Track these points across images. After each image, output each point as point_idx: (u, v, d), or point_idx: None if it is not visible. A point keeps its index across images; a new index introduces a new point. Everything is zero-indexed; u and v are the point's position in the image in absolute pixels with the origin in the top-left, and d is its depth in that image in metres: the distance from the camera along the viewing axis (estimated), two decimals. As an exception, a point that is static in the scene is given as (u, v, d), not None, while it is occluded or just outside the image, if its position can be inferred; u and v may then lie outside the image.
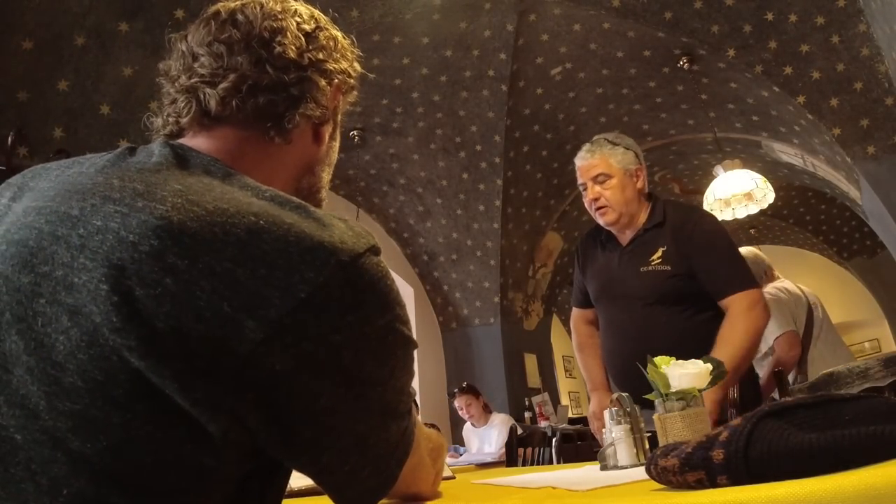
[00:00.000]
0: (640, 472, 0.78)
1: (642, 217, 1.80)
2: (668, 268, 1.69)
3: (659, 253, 1.72)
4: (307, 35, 0.65)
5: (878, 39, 3.44)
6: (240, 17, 0.63)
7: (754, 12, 3.62)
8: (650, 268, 1.72)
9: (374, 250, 0.50)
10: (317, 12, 0.70)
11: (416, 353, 0.56)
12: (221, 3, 0.66)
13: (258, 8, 0.64)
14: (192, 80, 0.61)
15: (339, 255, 0.46)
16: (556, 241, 5.79)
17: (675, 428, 0.99)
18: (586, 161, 1.83)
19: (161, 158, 0.55)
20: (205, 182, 0.51)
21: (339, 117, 0.74)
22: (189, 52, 0.63)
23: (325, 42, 0.67)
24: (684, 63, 4.01)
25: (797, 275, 7.77)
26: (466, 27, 3.89)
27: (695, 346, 1.55)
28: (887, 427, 0.51)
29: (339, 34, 0.71)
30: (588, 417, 1.90)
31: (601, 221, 1.81)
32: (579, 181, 1.85)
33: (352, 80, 0.72)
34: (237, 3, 0.65)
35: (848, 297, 7.70)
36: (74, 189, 0.50)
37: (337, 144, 0.75)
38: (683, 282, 1.68)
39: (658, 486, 0.63)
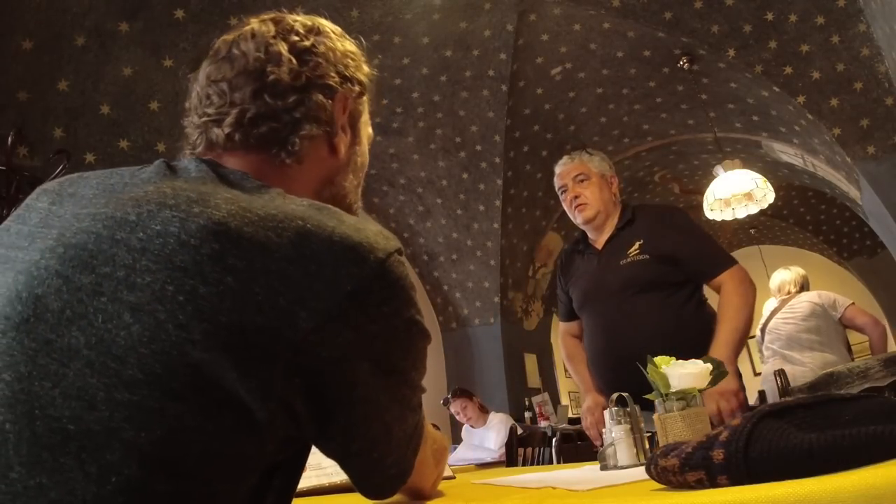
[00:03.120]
0: (640, 472, 0.78)
1: (615, 220, 1.94)
2: (647, 256, 1.79)
3: (636, 245, 1.82)
4: (299, 54, 0.67)
5: (878, 39, 3.44)
6: (235, 51, 0.66)
7: (754, 12, 3.62)
8: (629, 259, 1.81)
9: (400, 251, 0.55)
10: (317, 21, 0.71)
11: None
12: (222, 38, 0.69)
13: (251, 38, 0.67)
14: (203, 119, 0.66)
15: (376, 252, 0.52)
16: (556, 241, 5.79)
17: (675, 428, 0.99)
18: (566, 166, 1.99)
19: (202, 173, 0.59)
20: (249, 192, 0.56)
21: (363, 119, 0.76)
22: (201, 93, 0.67)
23: (321, 57, 0.68)
24: (684, 63, 4.01)
25: (797, 275, 7.79)
26: (466, 27, 3.89)
27: (676, 330, 1.68)
28: (887, 427, 0.51)
29: (338, 43, 0.71)
30: (582, 414, 1.93)
31: (579, 218, 1.95)
32: (559, 185, 2.00)
33: (357, 87, 0.73)
34: (234, 35, 0.68)
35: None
36: (127, 196, 0.54)
37: (362, 148, 0.77)
38: (663, 268, 1.78)
39: (658, 486, 0.63)
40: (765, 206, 3.89)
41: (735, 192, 3.81)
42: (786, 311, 3.27)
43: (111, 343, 0.45)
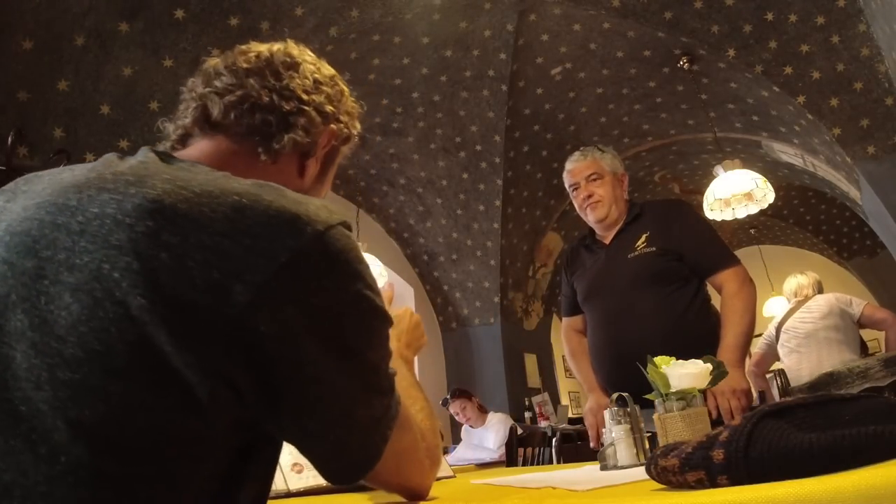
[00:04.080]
0: (640, 472, 0.78)
1: (624, 216, 1.94)
2: (654, 249, 1.79)
3: (643, 238, 1.83)
4: (317, 81, 0.74)
5: (878, 39, 3.44)
6: (266, 52, 0.73)
7: (754, 12, 3.62)
8: (637, 252, 1.82)
9: (346, 225, 0.55)
10: (336, 74, 0.79)
11: (415, 353, 0.58)
12: (254, 42, 0.76)
13: (283, 50, 0.74)
14: (206, 90, 0.70)
15: (315, 224, 0.52)
16: (556, 241, 5.79)
17: (675, 428, 0.99)
18: (579, 163, 1.97)
19: (146, 158, 0.61)
20: (190, 171, 0.57)
21: (332, 167, 0.80)
22: (214, 71, 0.72)
23: (332, 92, 0.76)
24: (684, 63, 4.01)
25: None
26: (466, 27, 3.89)
27: (680, 326, 1.68)
28: (887, 427, 0.51)
29: (347, 93, 0.79)
30: (584, 414, 1.93)
31: (592, 217, 1.93)
32: (571, 183, 1.98)
33: (348, 132, 0.79)
34: (267, 45, 0.75)
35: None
36: (69, 184, 0.55)
37: (324, 189, 0.81)
38: (669, 261, 1.78)
39: (658, 486, 0.63)
40: (765, 206, 3.88)
41: (735, 192, 3.80)
42: (803, 311, 3.34)
43: (53, 324, 0.46)
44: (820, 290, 3.47)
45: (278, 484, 1.11)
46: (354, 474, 0.59)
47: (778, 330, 3.43)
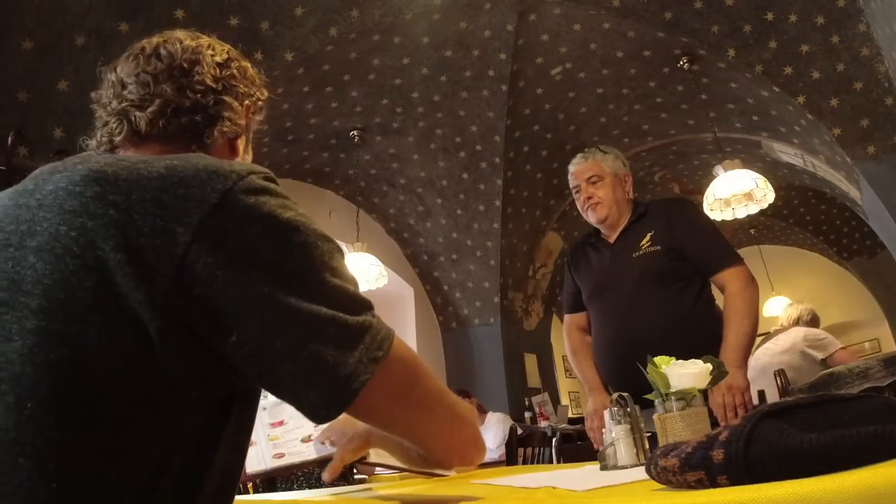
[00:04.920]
0: (640, 472, 0.78)
1: (627, 216, 1.95)
2: (659, 248, 1.81)
3: (647, 237, 1.84)
4: (219, 65, 0.78)
5: (878, 39, 3.44)
6: (162, 51, 0.75)
7: (754, 12, 3.62)
8: (641, 252, 1.83)
9: (269, 177, 0.60)
10: (228, 47, 0.83)
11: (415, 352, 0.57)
12: (146, 40, 0.78)
13: (178, 44, 0.76)
14: (123, 105, 0.73)
15: (239, 171, 0.58)
16: (556, 241, 5.79)
17: (675, 428, 0.99)
18: (581, 165, 2.00)
19: (87, 154, 0.67)
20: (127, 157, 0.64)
21: (251, 133, 0.86)
22: (118, 82, 0.75)
23: (235, 71, 0.80)
24: (684, 63, 4.01)
25: (797, 275, 7.79)
26: (466, 27, 3.89)
27: (684, 326, 1.68)
28: (887, 427, 0.51)
29: (248, 65, 0.84)
30: (585, 416, 1.93)
31: (593, 218, 1.95)
32: (573, 184, 2.01)
33: (260, 103, 0.85)
34: (159, 38, 0.77)
35: (848, 297, 7.70)
36: (27, 179, 0.63)
37: (249, 157, 0.86)
38: (673, 260, 1.79)
39: (658, 486, 0.63)
40: (765, 206, 3.88)
41: (735, 192, 3.80)
42: (770, 343, 3.29)
43: (20, 281, 0.53)
44: (808, 322, 3.37)
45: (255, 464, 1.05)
46: (336, 398, 0.56)
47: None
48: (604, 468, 1.05)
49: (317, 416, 0.57)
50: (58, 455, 0.49)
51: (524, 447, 2.73)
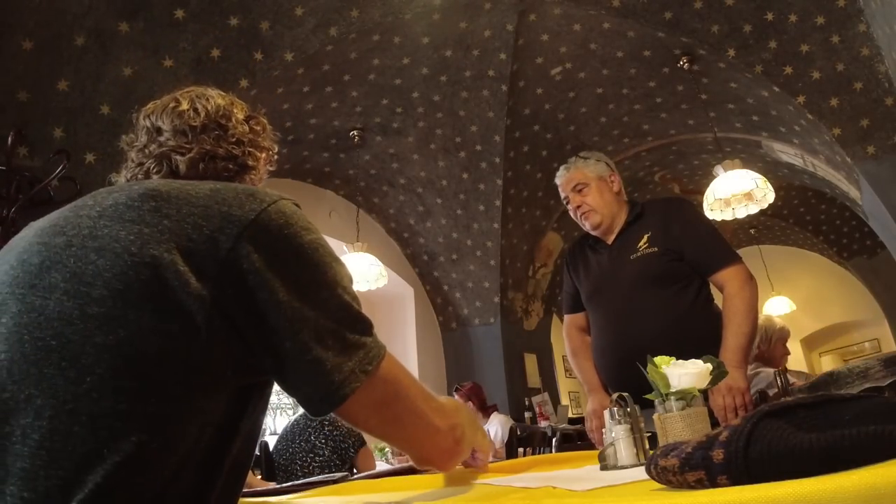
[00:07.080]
0: (640, 472, 0.77)
1: (623, 217, 1.94)
2: (656, 249, 1.80)
3: (645, 238, 1.83)
4: (248, 119, 0.91)
5: (878, 39, 3.44)
6: (198, 105, 0.87)
7: (754, 12, 3.62)
8: (639, 253, 1.83)
9: (296, 203, 0.72)
10: (246, 107, 0.94)
11: (415, 352, 0.63)
12: (179, 93, 0.89)
13: (209, 101, 0.88)
14: (163, 149, 0.83)
15: (271, 196, 0.70)
16: (556, 241, 5.79)
17: (675, 428, 0.99)
18: (564, 176, 2.03)
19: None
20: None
21: (264, 181, 0.98)
22: (154, 129, 0.86)
23: (258, 127, 0.92)
24: (684, 63, 4.01)
25: (797, 275, 7.79)
26: (466, 27, 3.89)
27: (683, 327, 1.67)
28: (887, 427, 0.51)
29: (265, 121, 0.95)
30: (585, 416, 1.93)
31: (587, 225, 1.96)
32: (562, 196, 2.03)
33: (276, 156, 0.98)
34: (191, 93, 0.89)
35: (848, 297, 7.70)
36: (83, 197, 0.73)
37: None
38: (671, 261, 1.79)
39: (658, 486, 0.62)
40: (765, 206, 3.88)
41: (735, 192, 3.80)
42: None
43: (82, 275, 0.61)
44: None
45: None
46: (329, 398, 0.67)
47: None
48: (604, 468, 1.05)
49: (311, 409, 0.69)
50: (111, 423, 0.56)
51: (524, 447, 2.73)
